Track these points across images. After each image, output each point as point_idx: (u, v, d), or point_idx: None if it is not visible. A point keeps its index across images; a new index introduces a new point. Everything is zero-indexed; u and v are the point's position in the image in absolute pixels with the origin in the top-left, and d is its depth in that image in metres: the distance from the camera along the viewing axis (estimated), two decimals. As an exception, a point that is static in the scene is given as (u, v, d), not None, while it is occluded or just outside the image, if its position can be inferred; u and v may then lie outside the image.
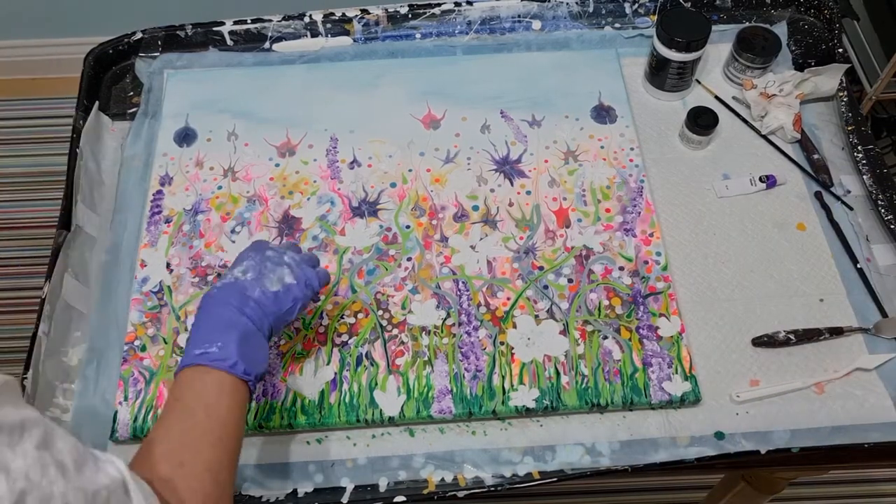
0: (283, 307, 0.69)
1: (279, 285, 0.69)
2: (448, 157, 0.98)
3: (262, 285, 0.68)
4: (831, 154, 0.99)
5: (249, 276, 0.69)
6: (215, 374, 0.62)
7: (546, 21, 1.09)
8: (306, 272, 0.72)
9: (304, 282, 0.71)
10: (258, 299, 0.67)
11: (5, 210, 1.91)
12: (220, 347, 0.63)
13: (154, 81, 1.05)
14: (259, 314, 0.67)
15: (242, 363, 0.63)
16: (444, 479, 0.77)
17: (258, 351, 0.66)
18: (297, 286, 0.70)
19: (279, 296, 0.69)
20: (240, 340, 0.64)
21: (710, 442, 0.79)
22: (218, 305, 0.66)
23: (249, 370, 0.64)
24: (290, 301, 0.69)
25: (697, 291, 0.88)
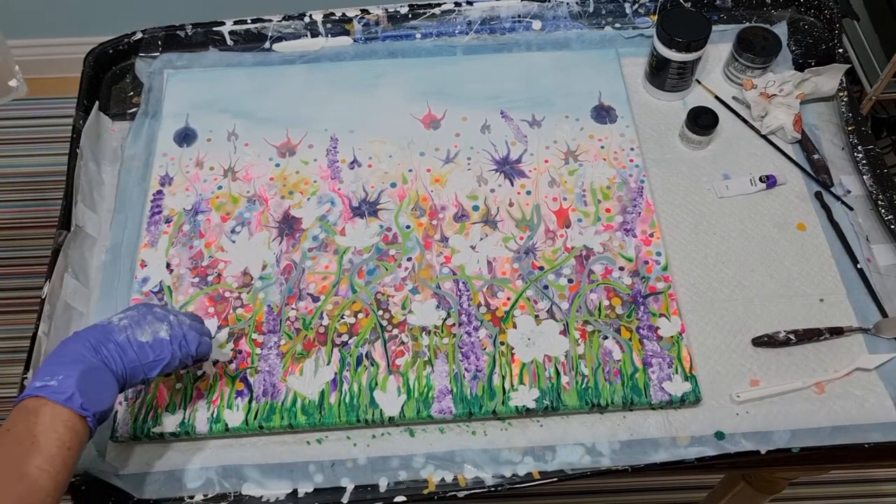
0: (144, 359, 0.68)
1: (150, 337, 0.69)
2: (448, 157, 0.98)
3: (131, 332, 0.69)
4: (831, 154, 0.99)
5: (123, 322, 0.69)
6: (51, 407, 0.62)
7: (546, 21, 1.09)
8: (187, 334, 0.71)
9: (179, 342, 0.70)
10: (120, 343, 0.68)
11: (5, 210, 1.91)
12: (60, 381, 0.63)
13: (154, 81, 1.05)
14: (116, 358, 0.67)
15: (80, 397, 0.63)
16: (445, 480, 0.77)
17: (103, 389, 0.65)
18: (170, 344, 0.70)
19: (144, 347, 0.68)
20: (81, 374, 0.64)
21: (710, 442, 0.79)
22: (75, 341, 0.67)
23: (87, 405, 0.63)
24: (154, 355, 0.69)
25: (697, 291, 0.88)
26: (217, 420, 0.79)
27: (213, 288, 0.87)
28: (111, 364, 0.67)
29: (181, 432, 0.78)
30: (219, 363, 0.82)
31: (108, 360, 0.67)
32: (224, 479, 0.77)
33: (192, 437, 0.79)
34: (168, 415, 0.79)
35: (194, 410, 0.79)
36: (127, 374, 0.68)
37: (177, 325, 0.71)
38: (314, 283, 0.87)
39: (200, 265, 0.89)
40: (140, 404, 0.80)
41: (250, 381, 0.81)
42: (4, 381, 1.68)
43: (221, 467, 0.78)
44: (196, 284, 0.88)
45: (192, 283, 0.88)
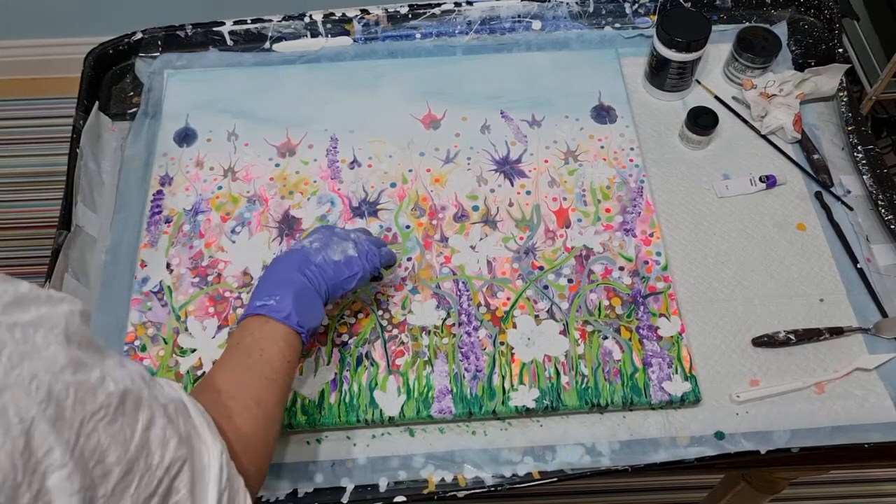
0: (341, 276, 0.74)
1: (341, 256, 0.74)
2: (448, 157, 0.98)
3: (325, 254, 0.74)
4: (831, 154, 0.99)
5: (315, 245, 0.75)
6: (272, 324, 0.68)
7: (546, 21, 1.09)
8: (370, 249, 0.77)
9: (367, 256, 0.76)
10: (319, 264, 0.73)
11: (5, 210, 1.91)
12: (278, 301, 0.69)
13: (154, 81, 1.05)
14: (318, 277, 0.72)
15: (296, 315, 0.68)
16: (444, 479, 0.77)
17: (313, 307, 0.71)
18: (359, 259, 0.75)
19: (339, 265, 0.74)
20: (295, 296, 0.69)
21: (710, 442, 0.79)
22: (281, 265, 0.73)
23: (303, 323, 0.69)
24: (349, 271, 0.74)
25: (697, 291, 0.88)
26: (217, 420, 0.79)
27: (213, 288, 0.87)
28: (315, 284, 0.72)
29: (181, 432, 0.78)
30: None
31: (312, 281, 0.72)
32: (224, 479, 0.77)
33: (192, 437, 0.79)
34: (168, 415, 0.79)
35: (194, 410, 0.79)
36: (329, 290, 0.73)
37: (360, 242, 0.77)
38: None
39: (200, 265, 0.89)
40: (140, 404, 0.79)
41: None
42: (4, 381, 1.68)
43: (221, 467, 0.78)
44: (196, 284, 0.88)
45: (192, 283, 0.88)
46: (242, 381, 0.65)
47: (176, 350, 0.83)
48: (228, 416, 0.61)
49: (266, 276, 0.73)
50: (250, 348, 0.66)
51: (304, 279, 0.71)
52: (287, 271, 0.72)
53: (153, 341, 0.84)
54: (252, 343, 0.67)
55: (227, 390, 0.63)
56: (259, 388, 0.65)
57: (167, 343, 0.84)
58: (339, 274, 0.74)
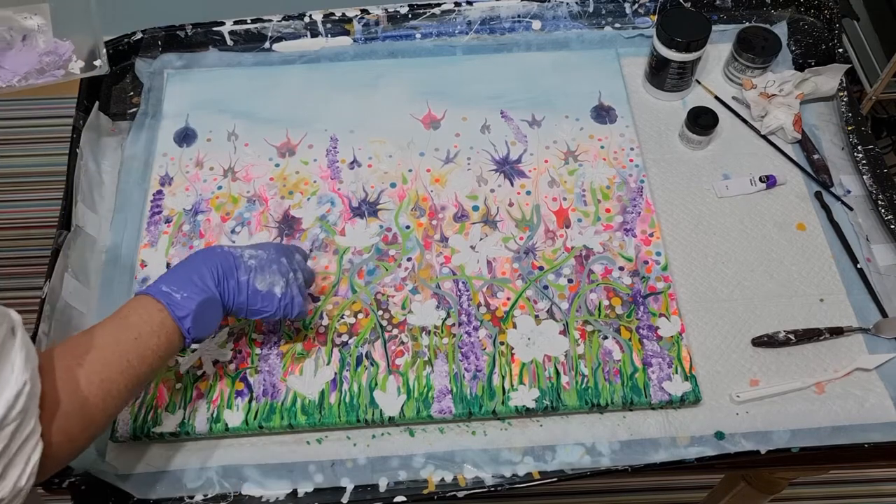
0: (252, 304, 0.73)
1: (265, 287, 0.73)
2: (448, 157, 0.98)
3: (251, 276, 0.73)
4: (831, 154, 0.99)
5: (252, 262, 0.73)
6: (164, 315, 0.67)
7: (546, 21, 1.09)
8: (295, 298, 0.75)
9: (286, 302, 0.74)
10: (240, 283, 0.72)
11: (5, 210, 1.91)
12: (183, 298, 0.68)
13: (154, 81, 1.05)
14: (230, 295, 0.71)
15: (191, 322, 0.68)
16: (444, 480, 0.77)
17: (210, 320, 0.70)
18: (278, 301, 0.74)
19: (257, 295, 0.73)
20: (201, 303, 0.68)
21: (710, 442, 0.79)
22: (206, 263, 0.71)
23: (193, 331, 0.68)
24: (261, 305, 0.73)
25: (697, 291, 0.88)
26: (217, 420, 0.79)
27: (213, 288, 0.87)
28: (225, 299, 0.71)
29: (181, 432, 0.78)
30: (219, 363, 0.82)
31: (224, 295, 0.71)
32: (224, 479, 0.77)
33: (192, 437, 0.79)
34: (168, 415, 0.79)
35: (194, 410, 0.79)
36: (233, 309, 0.73)
37: (292, 283, 0.75)
38: (314, 283, 0.87)
39: (200, 265, 0.89)
40: (140, 404, 0.80)
41: (250, 381, 0.81)
42: (4, 381, 1.67)
43: (221, 467, 0.78)
44: (196, 284, 0.87)
45: (191, 283, 0.88)
46: (103, 353, 0.64)
47: (176, 350, 0.83)
48: (66, 376, 0.60)
49: (186, 265, 0.71)
50: (130, 327, 0.66)
51: (217, 293, 0.70)
52: (207, 272, 0.70)
53: (153, 341, 0.84)
54: (136, 323, 0.66)
55: (84, 354, 0.63)
56: (114, 368, 0.63)
57: (167, 343, 0.83)
58: (252, 302, 0.73)
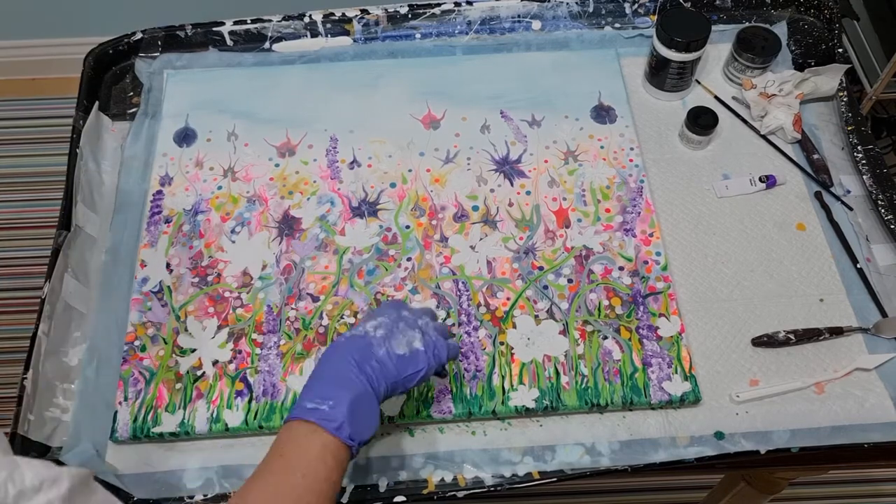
0: (403, 373, 0.67)
1: (406, 349, 0.68)
2: (448, 157, 0.98)
3: (389, 345, 0.67)
4: (831, 154, 0.99)
5: (380, 332, 0.68)
6: (321, 436, 0.62)
7: (546, 21, 1.09)
8: (437, 342, 0.70)
9: (433, 351, 0.69)
10: (381, 359, 0.66)
11: (5, 210, 1.91)
12: (331, 406, 0.63)
13: (154, 81, 1.05)
14: (378, 375, 0.66)
15: (349, 427, 0.62)
16: (444, 480, 0.77)
17: (369, 416, 0.65)
18: (425, 354, 0.68)
19: (403, 360, 0.67)
20: (352, 402, 0.63)
21: (709, 442, 0.79)
22: (340, 359, 0.66)
23: (355, 436, 0.63)
24: (413, 367, 0.68)
25: (697, 291, 0.88)
26: (217, 420, 0.79)
27: (213, 288, 0.87)
28: (374, 383, 0.65)
29: (181, 432, 0.78)
30: (219, 363, 0.82)
31: (372, 380, 0.65)
32: (224, 479, 0.77)
33: (192, 437, 0.79)
34: (168, 415, 0.79)
35: (194, 410, 0.79)
36: (388, 389, 0.67)
37: (427, 329, 0.70)
38: (314, 283, 0.87)
39: (200, 265, 0.89)
40: (140, 404, 0.80)
41: (250, 381, 0.81)
42: (4, 381, 1.68)
43: (221, 467, 0.78)
44: (196, 284, 0.88)
45: (192, 283, 0.88)
46: None
47: (176, 350, 0.83)
48: None
49: (321, 368, 0.66)
50: (294, 466, 0.61)
51: (364, 380, 0.65)
52: (345, 367, 0.65)
53: (153, 341, 0.84)
54: (297, 459, 0.61)
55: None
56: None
57: (167, 343, 0.84)
58: (402, 371, 0.67)
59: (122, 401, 0.80)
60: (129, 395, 0.80)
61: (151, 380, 0.81)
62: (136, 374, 0.82)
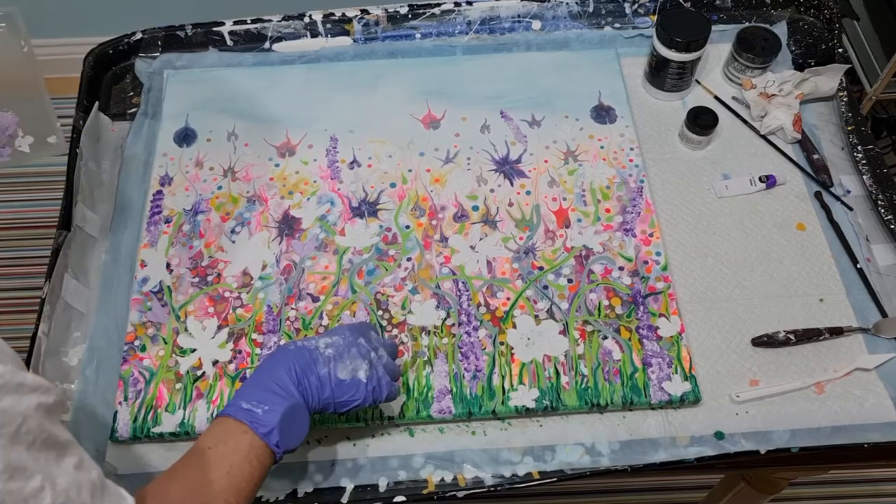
0: (339, 397, 0.69)
1: (349, 375, 0.69)
2: (448, 157, 0.98)
3: (333, 366, 0.69)
4: (831, 154, 0.99)
5: (329, 351, 0.69)
6: (250, 437, 0.64)
7: (546, 21, 1.09)
8: (382, 379, 0.71)
9: (374, 386, 0.70)
10: (321, 378, 0.68)
11: (5, 210, 1.91)
12: (265, 412, 0.65)
13: (154, 81, 1.05)
14: (314, 392, 0.67)
15: (278, 434, 0.64)
16: (444, 479, 0.77)
17: (299, 427, 0.67)
18: (365, 387, 0.69)
19: (343, 385, 0.69)
20: (285, 412, 0.65)
21: (709, 442, 0.79)
22: (283, 366, 0.67)
23: (282, 444, 0.65)
24: (349, 395, 0.69)
25: (697, 291, 0.88)
26: (217, 420, 0.79)
27: (213, 288, 0.87)
28: (309, 398, 0.67)
29: (181, 432, 0.78)
30: (219, 363, 0.82)
31: (307, 394, 0.67)
32: (224, 479, 0.77)
33: (192, 437, 0.79)
34: (168, 415, 0.79)
35: (194, 410, 0.79)
36: (319, 408, 0.69)
37: (376, 363, 0.71)
38: (314, 284, 0.87)
39: (200, 265, 0.89)
40: (140, 404, 0.80)
41: None
42: (4, 381, 1.67)
43: (221, 467, 0.78)
44: (196, 284, 0.88)
45: (191, 283, 0.88)
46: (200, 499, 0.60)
47: (176, 350, 0.83)
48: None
49: (262, 370, 0.68)
50: (219, 460, 0.62)
51: (299, 394, 0.66)
52: (285, 375, 0.66)
53: (153, 341, 0.84)
54: (224, 454, 0.62)
55: None
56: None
57: (167, 343, 0.84)
58: (338, 395, 0.68)
59: (122, 401, 0.80)
60: (129, 395, 0.80)
61: (151, 380, 0.81)
62: (136, 374, 0.82)
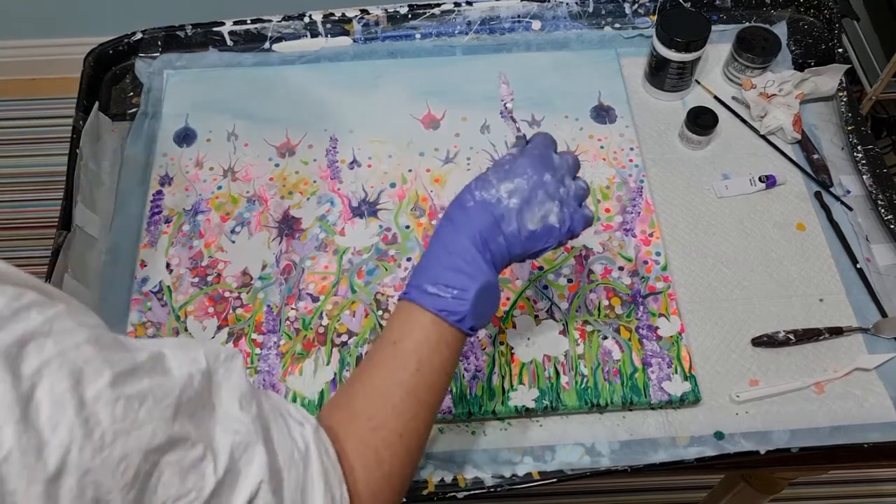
0: (530, 250, 0.61)
1: (539, 224, 0.60)
2: (448, 157, 0.98)
3: (521, 220, 0.60)
4: (831, 154, 0.99)
5: (514, 202, 0.60)
6: (439, 326, 0.57)
7: (546, 21, 1.09)
8: (574, 214, 0.62)
9: (568, 227, 0.61)
10: (510, 236, 0.59)
11: (5, 210, 1.91)
12: (455, 297, 0.57)
13: (154, 82, 1.05)
14: (503, 253, 0.59)
15: (472, 319, 0.57)
16: (444, 480, 0.77)
17: (491, 305, 0.60)
18: (559, 231, 0.61)
19: (534, 236, 0.60)
20: (477, 292, 0.57)
21: (709, 442, 0.79)
22: (465, 233, 0.59)
23: (476, 326, 0.58)
24: (543, 245, 0.61)
25: (697, 291, 0.88)
26: (217, 420, 0.79)
27: (213, 288, 0.87)
28: (498, 262, 0.59)
29: (181, 432, 0.78)
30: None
31: (496, 260, 0.59)
32: (224, 479, 0.77)
33: (191, 437, 0.79)
34: (168, 415, 0.79)
35: (194, 410, 0.79)
36: (508, 264, 0.61)
37: (566, 199, 0.61)
38: (314, 284, 0.87)
39: (200, 265, 0.89)
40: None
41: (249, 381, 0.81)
42: (5, 381, 1.68)
43: (221, 467, 0.78)
44: (196, 284, 0.88)
45: (191, 283, 0.88)
46: (390, 403, 0.55)
47: (176, 350, 0.83)
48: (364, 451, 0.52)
49: (443, 242, 0.59)
50: (408, 356, 0.56)
51: (489, 266, 0.58)
52: (471, 249, 0.58)
53: (153, 341, 0.84)
54: (413, 349, 0.56)
55: (370, 416, 0.54)
56: (408, 414, 0.55)
57: (167, 343, 0.83)
58: (529, 248, 0.60)
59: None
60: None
61: (151, 380, 0.81)
62: (136, 374, 0.81)
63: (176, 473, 0.40)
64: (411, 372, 0.56)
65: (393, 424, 0.54)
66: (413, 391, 0.55)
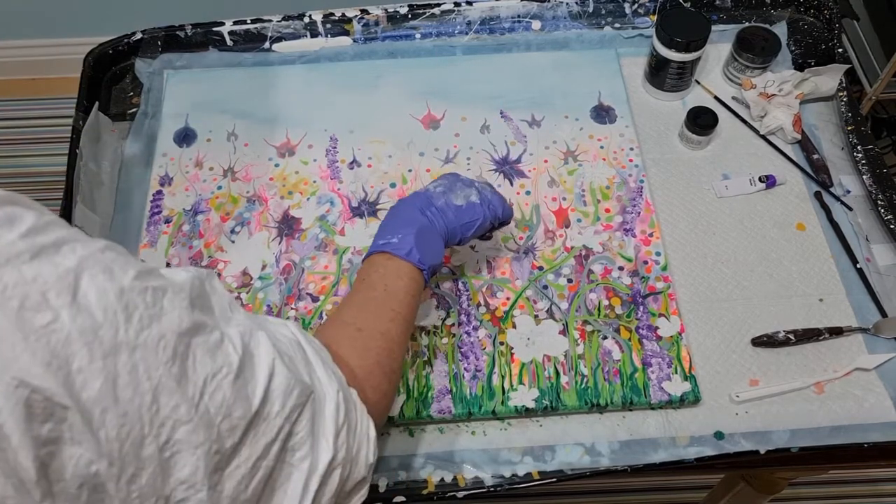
0: (461, 220, 0.75)
1: (463, 201, 0.76)
2: (448, 157, 0.98)
3: (447, 198, 0.76)
4: (831, 154, 0.99)
5: (438, 189, 0.77)
6: (395, 261, 0.70)
7: (546, 21, 1.09)
8: (493, 198, 0.78)
9: (489, 205, 0.77)
10: (440, 207, 0.75)
11: (5, 210, 1.91)
12: (400, 239, 0.71)
13: (154, 82, 1.05)
14: (438, 219, 0.74)
15: (418, 252, 0.70)
16: (444, 480, 0.77)
17: (433, 245, 0.73)
18: (480, 206, 0.76)
19: (461, 210, 0.75)
20: (417, 234, 0.71)
21: (709, 442, 0.79)
22: (403, 206, 0.75)
23: (424, 260, 0.71)
24: (470, 217, 0.76)
25: (697, 291, 0.88)
26: (217, 420, 0.79)
27: (213, 288, 0.87)
28: (436, 224, 0.74)
29: (181, 432, 0.78)
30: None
31: (433, 221, 0.74)
32: (224, 478, 0.77)
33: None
34: (168, 415, 0.79)
35: (194, 410, 0.79)
36: (448, 233, 0.75)
37: (484, 190, 0.78)
38: (313, 283, 0.87)
39: (200, 265, 0.89)
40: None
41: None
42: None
43: (221, 467, 0.78)
44: (196, 284, 0.87)
45: (191, 283, 0.87)
46: (368, 314, 0.67)
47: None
48: (354, 346, 0.64)
49: (388, 216, 0.75)
50: (375, 283, 0.69)
51: (425, 219, 0.73)
52: (409, 211, 0.74)
53: (153, 341, 0.84)
54: (377, 279, 0.69)
55: (355, 323, 0.66)
56: (384, 320, 0.67)
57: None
58: (460, 218, 0.75)
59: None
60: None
61: (151, 380, 0.81)
62: (136, 374, 0.81)
63: (206, 353, 0.46)
64: (381, 291, 0.69)
65: (374, 324, 0.66)
66: (386, 302, 0.68)
